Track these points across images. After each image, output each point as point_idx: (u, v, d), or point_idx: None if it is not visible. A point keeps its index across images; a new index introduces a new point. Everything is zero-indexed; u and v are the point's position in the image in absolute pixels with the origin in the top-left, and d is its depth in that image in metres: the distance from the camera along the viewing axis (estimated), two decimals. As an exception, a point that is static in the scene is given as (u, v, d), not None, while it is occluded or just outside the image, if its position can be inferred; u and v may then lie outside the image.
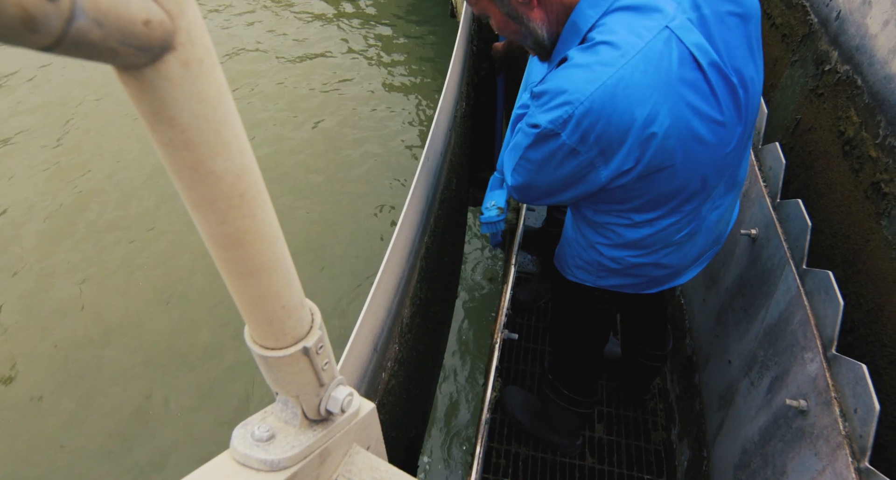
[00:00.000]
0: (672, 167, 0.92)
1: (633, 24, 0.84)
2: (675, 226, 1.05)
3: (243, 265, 0.37)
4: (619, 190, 0.97)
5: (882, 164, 1.13)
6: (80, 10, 0.22)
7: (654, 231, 1.06)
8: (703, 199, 1.03)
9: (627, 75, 0.82)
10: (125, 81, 0.28)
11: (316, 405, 0.50)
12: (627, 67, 0.82)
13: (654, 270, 1.16)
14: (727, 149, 0.96)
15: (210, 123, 0.30)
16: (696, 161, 0.93)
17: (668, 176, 0.94)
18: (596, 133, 0.86)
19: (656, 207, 1.01)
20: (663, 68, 0.83)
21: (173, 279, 2.88)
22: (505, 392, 1.95)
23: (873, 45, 1.19)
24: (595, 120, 0.85)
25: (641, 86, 0.83)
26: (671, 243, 1.09)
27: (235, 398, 2.43)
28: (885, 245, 1.09)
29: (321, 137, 3.80)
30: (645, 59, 0.82)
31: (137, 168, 3.53)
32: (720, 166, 0.98)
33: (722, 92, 0.89)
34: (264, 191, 0.36)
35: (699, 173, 0.96)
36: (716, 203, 1.09)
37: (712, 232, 1.15)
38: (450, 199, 1.70)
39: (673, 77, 0.84)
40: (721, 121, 0.91)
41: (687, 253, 1.14)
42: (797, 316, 1.10)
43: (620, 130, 0.85)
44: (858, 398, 0.89)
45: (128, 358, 2.55)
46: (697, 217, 1.07)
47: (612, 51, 0.83)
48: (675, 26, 0.84)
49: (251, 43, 4.69)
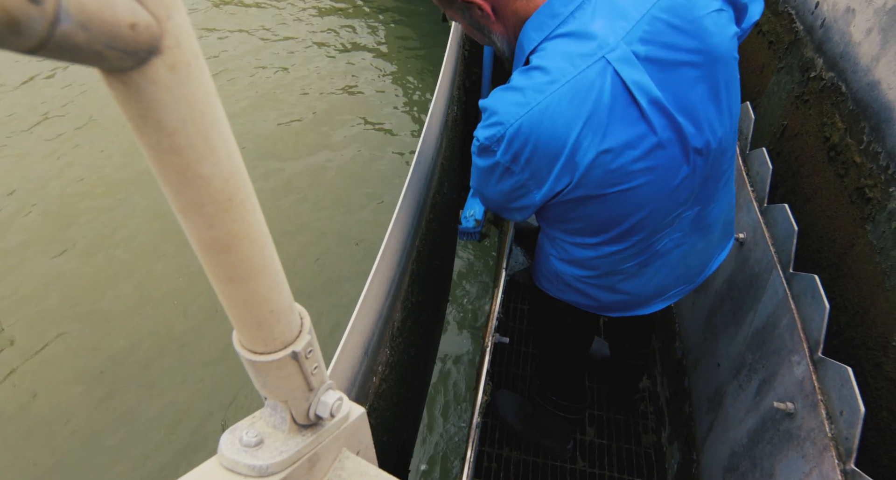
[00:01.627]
0: (603, 197, 0.92)
1: (570, 52, 0.83)
2: (620, 255, 1.05)
3: (231, 270, 0.37)
4: (557, 210, 0.99)
5: (866, 169, 1.14)
6: (65, 13, 0.22)
7: (596, 255, 1.07)
8: (653, 232, 1.01)
9: (555, 103, 0.82)
10: (111, 84, 0.28)
11: (305, 410, 0.50)
12: (555, 95, 0.82)
13: (606, 294, 1.15)
14: (670, 185, 0.93)
15: (198, 127, 0.30)
16: (633, 194, 0.92)
17: (601, 205, 0.93)
18: (526, 156, 0.87)
19: (595, 233, 1.02)
20: (591, 99, 0.82)
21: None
22: (496, 396, 1.94)
23: (857, 52, 1.21)
24: (523, 143, 0.86)
25: (567, 115, 0.82)
26: (618, 272, 1.09)
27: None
28: (869, 249, 1.11)
29: (309, 141, 3.79)
30: (574, 88, 0.81)
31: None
32: (665, 203, 0.96)
33: (662, 129, 0.86)
34: (253, 195, 0.36)
35: (638, 206, 0.94)
36: (680, 241, 1.06)
37: (676, 268, 1.11)
38: (441, 203, 1.70)
39: (602, 108, 0.82)
40: (656, 158, 0.89)
41: (645, 283, 1.12)
42: (784, 319, 1.11)
43: (548, 156, 0.86)
44: (844, 401, 0.91)
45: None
46: (649, 250, 1.05)
47: (544, 77, 0.83)
48: (614, 58, 0.81)
49: (233, 46, 4.68)
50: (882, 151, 1.10)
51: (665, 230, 1.03)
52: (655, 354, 2.00)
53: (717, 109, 0.91)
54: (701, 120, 0.89)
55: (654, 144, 0.87)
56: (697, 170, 0.94)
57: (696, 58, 0.86)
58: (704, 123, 0.90)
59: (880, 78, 1.13)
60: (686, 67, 0.86)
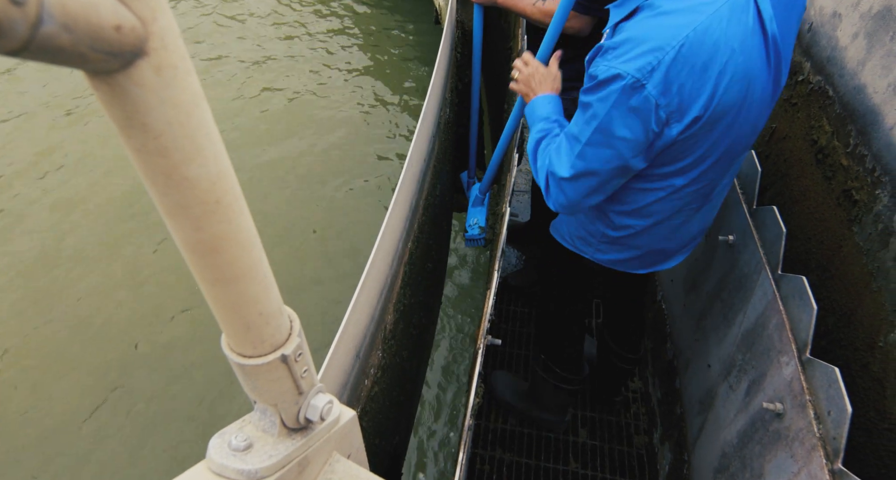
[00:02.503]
0: (715, 125, 0.94)
1: None
2: (694, 194, 1.08)
3: (219, 272, 0.37)
4: (675, 148, 0.97)
5: (853, 172, 1.16)
6: (48, 14, 0.22)
7: (671, 195, 1.07)
8: (725, 169, 1.06)
9: (716, 23, 0.85)
10: (96, 86, 0.27)
11: (295, 414, 0.50)
12: (716, 15, 0.85)
13: (658, 242, 1.18)
14: (762, 120, 1.00)
15: (184, 130, 0.30)
16: (742, 120, 0.96)
17: (721, 130, 0.95)
18: (679, 82, 0.86)
19: (689, 173, 1.03)
20: (744, 22, 0.87)
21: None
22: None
23: (843, 56, 1.23)
24: (681, 68, 0.85)
25: (727, 34, 0.85)
26: (680, 213, 1.11)
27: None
28: (856, 251, 1.12)
29: (302, 143, 3.78)
30: (731, 7, 0.86)
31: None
32: (750, 135, 1.01)
33: (773, 65, 0.93)
34: (241, 197, 0.36)
35: (739, 134, 0.98)
36: (724, 188, 1.13)
37: (706, 219, 1.19)
38: (434, 205, 1.70)
39: (748, 33, 0.87)
40: (766, 90, 0.95)
41: (689, 230, 1.17)
42: (773, 320, 1.12)
43: (703, 79, 0.86)
44: (832, 401, 0.91)
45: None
46: (712, 191, 1.10)
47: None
48: None
49: (228, 48, 4.66)
50: (868, 153, 1.12)
51: (727, 173, 1.08)
52: (647, 355, 2.01)
53: (788, 50, 0.98)
54: (787, 60, 0.97)
55: (766, 76, 0.94)
56: (772, 108, 1.02)
57: (796, 4, 0.94)
58: (785, 67, 0.97)
59: (866, 82, 1.14)
60: (791, 9, 0.94)
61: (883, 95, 1.09)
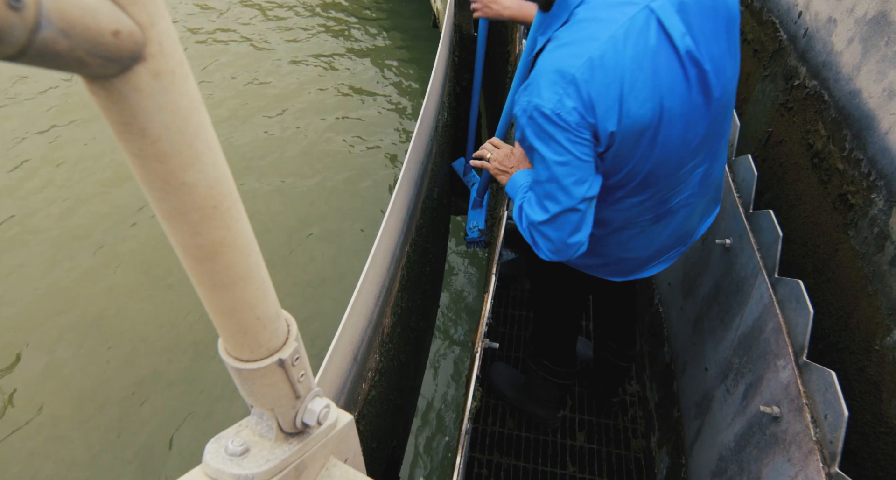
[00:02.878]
0: (638, 141, 0.96)
1: (616, 2, 0.90)
2: (639, 207, 1.09)
3: (217, 277, 0.37)
4: (607, 163, 1.00)
5: (848, 176, 1.16)
6: (46, 20, 0.22)
7: (617, 208, 1.10)
8: (669, 186, 1.07)
9: (611, 48, 0.88)
10: (94, 91, 0.27)
11: (292, 418, 0.49)
12: (610, 40, 0.88)
13: (617, 250, 1.19)
14: (687, 133, 1.00)
15: (182, 135, 0.30)
16: (666, 135, 0.97)
17: (633, 151, 0.98)
18: (591, 104, 0.90)
19: (619, 186, 1.05)
20: (642, 43, 0.89)
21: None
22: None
23: (839, 61, 1.24)
24: (586, 92, 0.89)
25: (623, 57, 0.88)
26: (634, 225, 1.13)
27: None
28: (852, 255, 1.13)
29: (301, 145, 3.78)
30: (625, 32, 0.89)
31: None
32: (679, 151, 1.02)
33: (693, 77, 0.94)
34: (238, 202, 0.36)
35: (668, 148, 1.00)
36: (688, 200, 1.13)
37: (678, 228, 1.19)
38: (431, 208, 1.70)
39: (649, 52, 0.90)
40: (689, 103, 0.96)
41: (652, 240, 1.18)
42: (770, 324, 1.12)
43: (607, 100, 0.90)
44: (828, 405, 0.92)
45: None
46: (664, 204, 1.11)
47: (596, 26, 0.89)
48: (656, 7, 0.90)
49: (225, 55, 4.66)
50: (864, 158, 1.12)
51: (679, 186, 1.09)
52: (644, 358, 2.01)
53: (732, 64, 1.00)
54: (720, 72, 0.97)
55: (686, 90, 0.95)
56: (712, 121, 1.02)
57: (718, 13, 0.95)
58: (722, 75, 0.98)
59: (861, 87, 1.15)
60: (711, 21, 0.94)
61: (878, 100, 1.10)
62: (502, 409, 1.96)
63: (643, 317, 2.08)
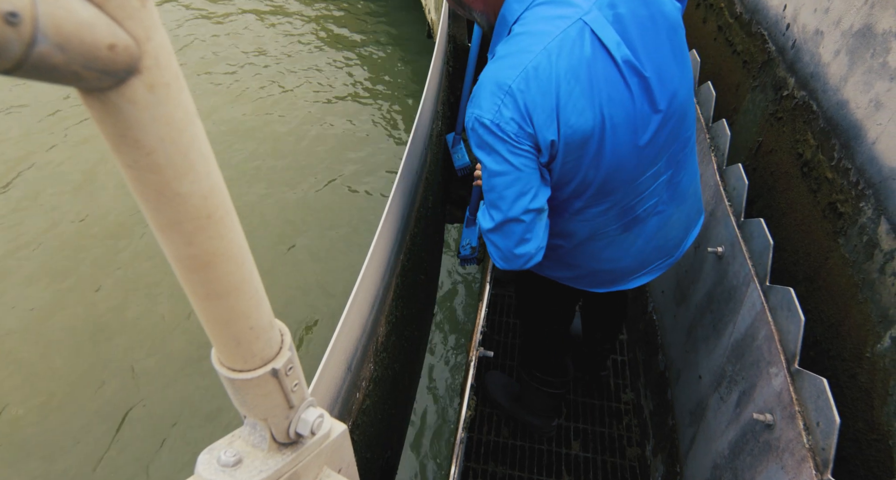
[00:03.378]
0: (584, 151, 0.97)
1: (550, 16, 0.92)
2: (602, 217, 1.10)
3: (210, 287, 0.37)
4: (556, 173, 1.01)
5: (837, 185, 1.18)
6: (42, 34, 0.22)
7: (580, 219, 1.11)
8: (632, 193, 1.08)
9: (545, 60, 0.90)
10: (89, 103, 0.28)
11: (285, 428, 0.49)
12: (543, 53, 0.90)
13: (590, 262, 1.19)
14: (638, 139, 1.01)
15: (177, 146, 0.30)
16: (608, 147, 0.99)
17: (580, 161, 0.99)
18: (528, 114, 0.92)
19: (577, 195, 1.06)
20: (575, 55, 0.91)
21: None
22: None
23: (826, 72, 1.26)
24: (523, 102, 0.91)
25: (557, 68, 0.90)
26: (601, 235, 1.14)
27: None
28: (842, 263, 1.14)
29: (296, 154, 3.78)
30: (559, 44, 0.90)
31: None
32: (634, 158, 1.03)
33: (634, 85, 0.96)
34: (232, 212, 0.36)
35: (611, 160, 1.01)
36: (656, 208, 1.14)
37: (654, 238, 1.18)
38: (426, 217, 1.70)
39: (584, 63, 0.91)
40: (632, 111, 0.97)
41: (626, 250, 1.18)
42: (762, 332, 1.13)
43: (544, 110, 0.92)
44: (820, 412, 0.92)
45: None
46: (630, 213, 1.11)
47: (529, 39, 0.91)
48: (590, 19, 0.92)
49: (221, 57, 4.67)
50: (852, 167, 1.14)
51: (643, 195, 1.09)
52: (639, 366, 2.02)
53: (679, 71, 1.01)
54: (665, 79, 0.98)
55: (628, 98, 0.96)
56: (662, 128, 1.03)
57: (656, 22, 0.97)
58: (668, 82, 0.99)
59: (848, 97, 1.17)
60: (650, 31, 0.96)
61: (865, 111, 1.12)
62: (497, 418, 1.95)
63: (637, 325, 2.08)
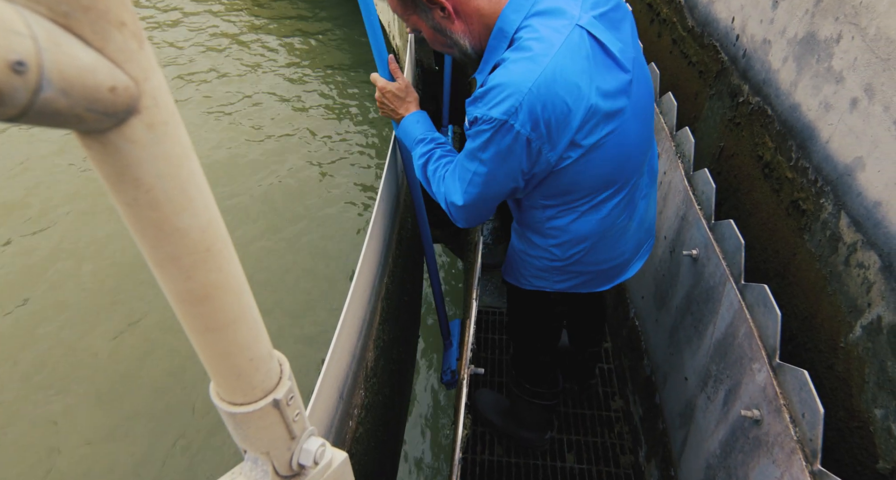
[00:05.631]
0: (602, 145, 1.03)
1: (551, 25, 0.97)
2: (617, 208, 1.16)
3: (210, 320, 0.37)
4: (568, 175, 1.06)
5: (798, 184, 1.24)
6: (48, 81, 0.23)
7: (599, 217, 1.15)
8: (634, 182, 1.16)
9: (560, 62, 0.94)
10: (88, 145, 0.28)
11: (287, 460, 0.49)
12: (557, 55, 0.94)
13: (603, 262, 1.25)
14: (639, 124, 1.09)
15: (175, 182, 0.30)
16: (623, 137, 1.05)
17: (601, 154, 1.04)
18: (545, 117, 0.95)
19: (601, 190, 1.12)
20: (583, 55, 0.97)
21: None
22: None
23: (777, 78, 1.33)
24: (542, 105, 0.94)
25: (573, 69, 0.95)
26: (616, 228, 1.19)
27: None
28: (809, 257, 1.19)
29: (268, 179, 3.75)
30: (568, 47, 0.96)
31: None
32: (639, 143, 1.12)
33: (629, 79, 1.05)
34: (230, 244, 0.36)
35: (627, 151, 1.08)
36: (643, 191, 1.22)
37: (644, 221, 1.27)
38: (407, 239, 1.71)
39: (591, 61, 0.98)
40: (632, 97, 1.06)
41: (630, 238, 1.25)
42: (742, 329, 1.17)
43: (564, 111, 0.96)
44: (804, 403, 0.95)
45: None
46: (632, 202, 1.19)
47: (541, 44, 0.95)
48: (584, 23, 0.98)
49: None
50: (809, 166, 1.20)
51: (638, 180, 1.17)
52: (626, 372, 2.04)
53: (640, 58, 1.11)
54: (636, 67, 1.08)
55: (629, 83, 1.04)
56: (647, 112, 1.13)
57: (624, 20, 1.07)
58: (638, 69, 1.08)
59: (800, 101, 1.24)
60: (622, 30, 1.05)
61: (816, 112, 1.18)
62: (490, 437, 1.94)
63: (620, 332, 2.11)
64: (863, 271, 1.03)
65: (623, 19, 1.07)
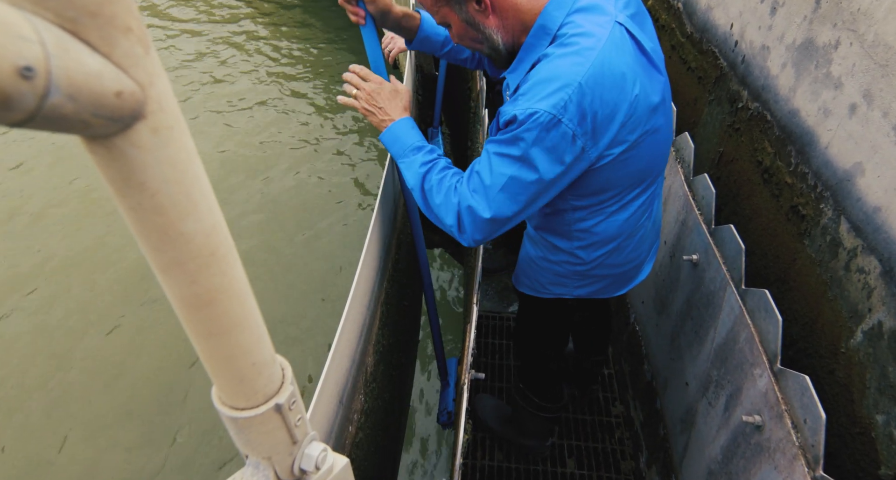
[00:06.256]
0: (640, 142, 1.03)
1: (595, 20, 0.97)
2: (644, 206, 1.16)
3: (213, 324, 0.37)
4: (605, 173, 1.03)
5: (797, 189, 1.24)
6: (55, 86, 0.23)
7: (628, 215, 1.14)
8: (658, 181, 1.17)
9: (607, 55, 0.93)
10: (93, 150, 0.28)
11: (289, 465, 0.48)
12: (604, 49, 0.94)
13: (623, 264, 1.24)
14: (670, 121, 1.10)
15: (180, 186, 0.31)
16: (658, 134, 1.06)
17: (643, 149, 1.04)
18: (592, 112, 0.93)
19: (633, 187, 1.11)
20: (626, 50, 0.97)
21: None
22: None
23: (776, 84, 1.34)
24: (591, 99, 0.92)
25: (620, 63, 0.95)
26: (640, 227, 1.19)
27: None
28: (809, 263, 1.19)
29: (267, 185, 3.76)
30: (613, 42, 0.95)
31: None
32: (668, 143, 1.12)
33: (659, 74, 1.06)
34: (233, 248, 0.36)
35: (660, 149, 1.09)
36: (657, 191, 1.22)
37: (656, 221, 1.28)
38: (406, 243, 1.71)
39: (633, 57, 0.98)
40: (664, 95, 1.07)
41: (644, 241, 1.25)
42: (743, 334, 1.16)
43: (611, 106, 0.95)
44: (806, 409, 0.95)
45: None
46: (654, 198, 1.20)
47: (589, 38, 0.94)
48: (622, 20, 0.99)
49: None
50: (809, 171, 1.20)
51: (659, 178, 1.18)
52: (626, 378, 2.03)
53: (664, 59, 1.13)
54: (663, 64, 1.09)
55: (664, 83, 1.06)
56: (670, 108, 1.13)
57: (647, 20, 1.07)
58: (664, 66, 1.10)
59: (799, 106, 1.24)
60: (646, 30, 1.06)
61: (815, 118, 1.19)
62: (490, 442, 1.93)
63: (621, 337, 2.11)
64: (863, 277, 1.03)
65: (645, 22, 1.07)
